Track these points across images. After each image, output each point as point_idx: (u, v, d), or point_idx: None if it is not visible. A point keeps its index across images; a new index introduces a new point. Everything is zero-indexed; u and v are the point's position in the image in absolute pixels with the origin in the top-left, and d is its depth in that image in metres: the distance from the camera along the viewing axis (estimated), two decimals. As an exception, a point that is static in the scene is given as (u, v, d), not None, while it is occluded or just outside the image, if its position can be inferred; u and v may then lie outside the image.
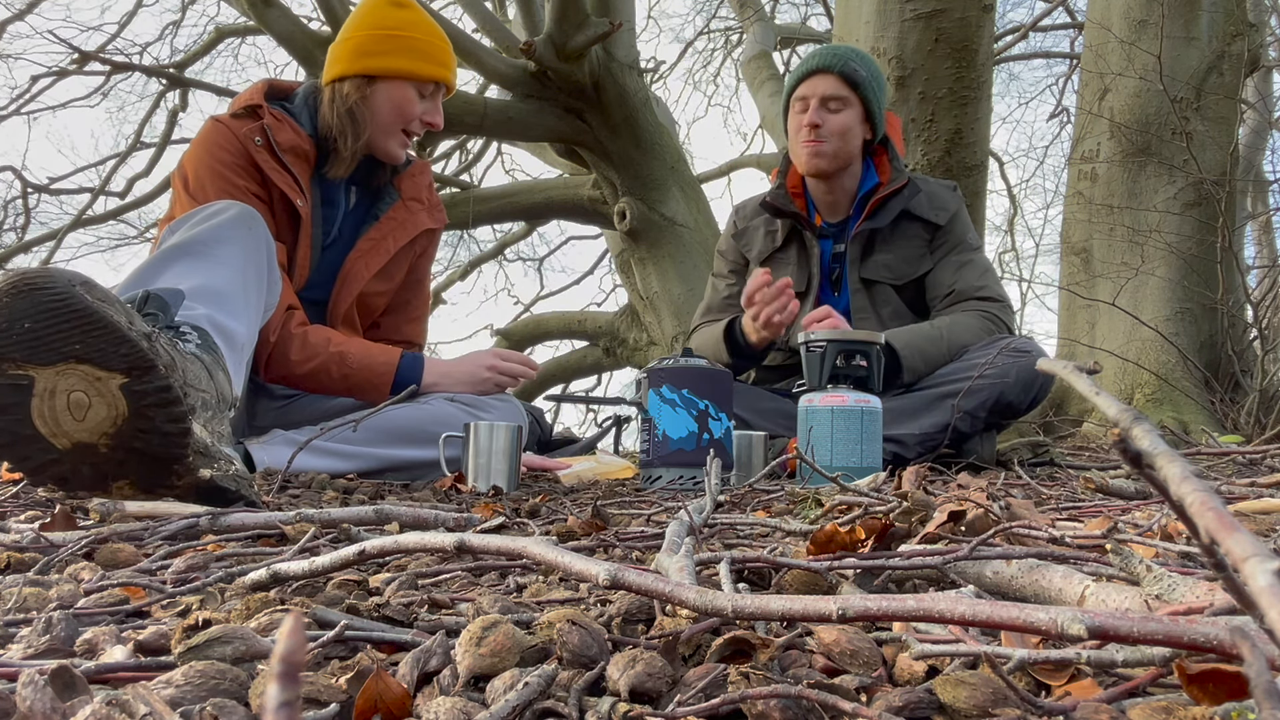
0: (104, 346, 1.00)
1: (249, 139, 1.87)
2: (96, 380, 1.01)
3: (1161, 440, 0.33)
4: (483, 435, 1.66)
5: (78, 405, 1.02)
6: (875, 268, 2.21)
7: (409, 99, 1.97)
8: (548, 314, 6.74)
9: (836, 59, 2.15)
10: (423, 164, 2.20)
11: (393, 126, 1.97)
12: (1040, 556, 0.62)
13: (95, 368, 1.00)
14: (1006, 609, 0.38)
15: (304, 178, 1.94)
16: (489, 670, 0.45)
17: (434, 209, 2.18)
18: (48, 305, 0.97)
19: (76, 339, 0.98)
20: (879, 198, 2.17)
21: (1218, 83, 4.14)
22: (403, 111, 1.96)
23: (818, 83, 2.16)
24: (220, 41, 7.96)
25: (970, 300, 2.14)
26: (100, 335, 0.99)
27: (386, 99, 1.96)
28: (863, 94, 2.15)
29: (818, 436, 1.61)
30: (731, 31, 10.11)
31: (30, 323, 0.97)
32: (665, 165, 4.54)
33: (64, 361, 0.99)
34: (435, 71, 1.98)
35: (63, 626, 0.52)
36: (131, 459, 1.06)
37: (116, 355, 1.00)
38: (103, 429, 1.03)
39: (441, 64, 2.00)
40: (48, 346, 0.98)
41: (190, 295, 1.34)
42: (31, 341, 0.98)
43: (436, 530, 0.97)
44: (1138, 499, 1.12)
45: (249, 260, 1.53)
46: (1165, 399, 3.78)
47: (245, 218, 1.57)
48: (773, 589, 0.65)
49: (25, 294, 0.97)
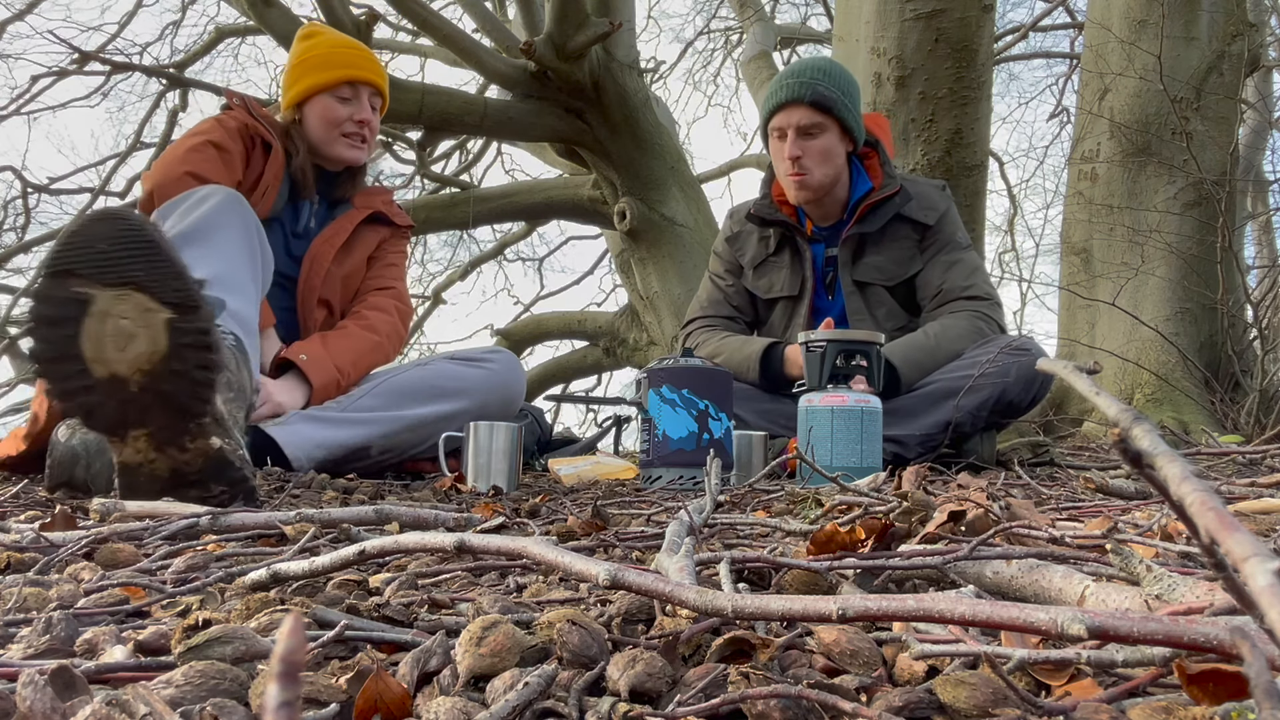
0: (162, 278, 1.08)
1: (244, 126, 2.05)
2: (146, 311, 1.08)
3: (1161, 440, 0.33)
4: (483, 435, 1.66)
5: (123, 335, 1.08)
6: (867, 270, 2.21)
7: (328, 107, 2.15)
8: (548, 314, 6.74)
9: (805, 88, 2.12)
10: (383, 188, 2.40)
11: (328, 135, 2.15)
12: (1040, 556, 0.62)
13: (150, 297, 1.08)
14: (1006, 609, 0.38)
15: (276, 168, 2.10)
16: (489, 670, 0.45)
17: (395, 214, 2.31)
18: (124, 232, 1.06)
19: (140, 266, 1.07)
20: (870, 203, 2.17)
21: (1218, 83, 4.14)
22: (328, 119, 2.15)
23: (791, 114, 2.14)
24: (220, 41, 7.95)
25: (959, 300, 2.14)
26: (163, 268, 1.08)
27: (313, 114, 2.16)
28: (837, 114, 2.14)
29: (818, 436, 1.61)
30: (731, 31, 10.11)
31: (105, 245, 1.05)
32: (665, 165, 4.54)
33: (124, 286, 1.07)
34: (336, 74, 2.15)
35: (63, 626, 0.52)
36: (156, 405, 1.12)
37: (170, 289, 1.09)
38: (139, 364, 1.09)
39: (345, 66, 2.16)
40: (115, 268, 1.06)
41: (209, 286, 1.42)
42: (102, 262, 1.05)
43: (436, 530, 0.97)
44: (1138, 499, 1.12)
45: (247, 244, 1.62)
46: (1165, 399, 3.77)
47: (233, 201, 1.67)
48: (773, 589, 0.65)
49: (107, 221, 1.06)
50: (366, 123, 2.19)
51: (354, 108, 2.17)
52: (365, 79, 2.18)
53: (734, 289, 2.39)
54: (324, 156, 2.18)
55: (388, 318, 2.18)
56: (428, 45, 6.84)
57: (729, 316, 2.39)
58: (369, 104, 2.20)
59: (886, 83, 3.41)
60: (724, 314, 2.40)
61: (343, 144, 2.17)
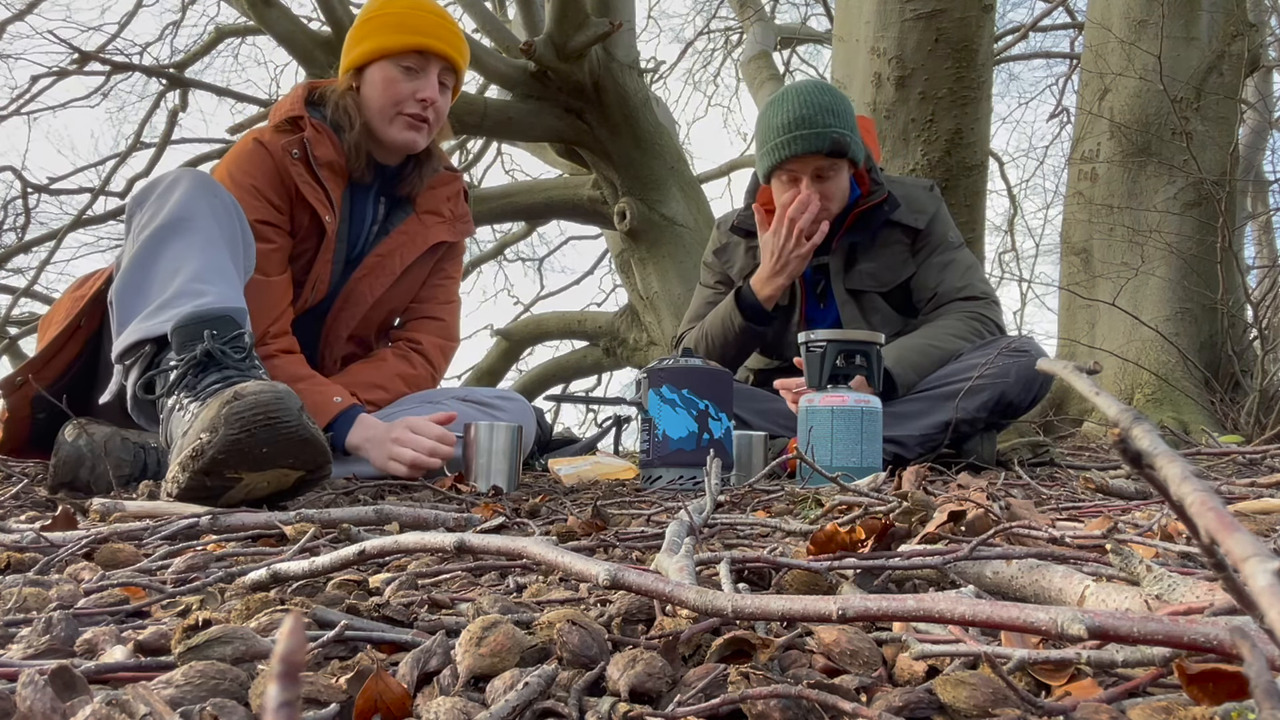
0: (309, 459, 1.21)
1: (285, 153, 1.83)
2: (284, 475, 1.22)
3: (1161, 440, 0.33)
4: (483, 435, 1.66)
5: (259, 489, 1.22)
6: (860, 277, 2.20)
7: (391, 78, 1.86)
8: (548, 314, 6.74)
9: (822, 140, 2.01)
10: (449, 175, 2.08)
11: (385, 111, 1.87)
12: (1040, 556, 0.62)
13: (292, 470, 1.22)
14: (1006, 609, 0.38)
15: (336, 193, 1.90)
16: (489, 670, 0.45)
17: (457, 221, 2.06)
18: (284, 435, 1.17)
19: (292, 455, 1.19)
20: (858, 211, 2.16)
21: (1218, 83, 4.14)
22: (389, 92, 1.86)
23: (806, 163, 2.05)
24: (220, 41, 7.96)
25: (955, 301, 2.13)
26: (311, 453, 1.21)
27: (371, 84, 1.88)
28: (850, 155, 2.07)
29: (818, 436, 1.61)
30: (731, 31, 10.12)
31: (267, 448, 1.16)
32: (665, 165, 4.54)
33: (275, 469, 1.20)
34: (408, 40, 1.85)
35: (63, 626, 0.52)
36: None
37: (313, 464, 1.23)
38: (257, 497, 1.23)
39: (419, 32, 1.86)
40: (271, 461, 1.18)
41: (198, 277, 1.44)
42: (260, 458, 1.17)
43: (436, 530, 0.97)
44: (1138, 499, 1.12)
45: (226, 229, 1.56)
46: (1165, 399, 3.77)
47: (203, 183, 1.57)
48: (773, 589, 0.65)
49: (270, 425, 1.16)
50: (432, 103, 1.87)
51: (419, 83, 1.86)
52: (439, 50, 1.86)
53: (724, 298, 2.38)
54: (378, 140, 1.90)
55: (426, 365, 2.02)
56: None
57: None
58: (438, 81, 1.89)
59: (886, 83, 3.41)
60: None
61: (401, 124, 1.87)
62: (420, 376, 2.02)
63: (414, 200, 2.01)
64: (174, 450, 1.26)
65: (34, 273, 6.71)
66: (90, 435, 1.54)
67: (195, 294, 1.40)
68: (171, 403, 1.31)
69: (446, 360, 2.09)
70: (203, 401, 1.25)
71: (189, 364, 1.31)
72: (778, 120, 2.06)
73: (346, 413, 1.76)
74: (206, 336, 1.32)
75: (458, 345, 2.17)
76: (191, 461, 1.15)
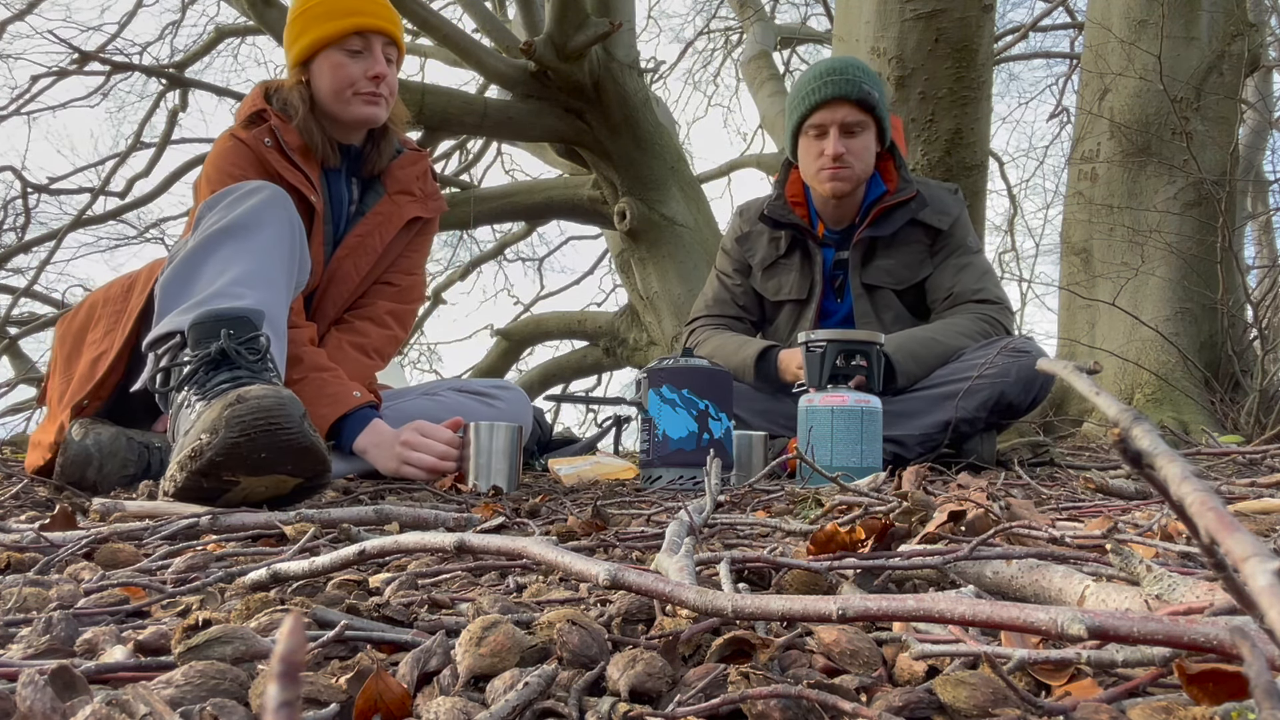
0: (307, 467, 1.21)
1: (259, 142, 1.87)
2: (282, 481, 1.22)
3: (1161, 440, 0.33)
4: (483, 435, 1.66)
5: (256, 493, 1.23)
6: (877, 273, 2.21)
7: (338, 63, 1.91)
8: (548, 314, 6.73)
9: (852, 86, 2.08)
10: (416, 155, 2.13)
11: (341, 94, 1.92)
12: (1040, 556, 0.62)
13: (290, 477, 1.22)
14: (1006, 609, 0.38)
15: (313, 175, 1.94)
16: (489, 670, 0.45)
17: (429, 199, 2.11)
18: (284, 441, 1.17)
19: (291, 461, 1.19)
20: (884, 206, 2.17)
21: (1218, 83, 4.14)
22: (339, 76, 1.91)
23: (835, 110, 2.10)
24: (220, 41, 7.95)
25: (968, 303, 2.14)
26: (310, 461, 1.21)
27: (320, 74, 1.93)
28: (878, 115, 2.13)
29: (818, 436, 1.61)
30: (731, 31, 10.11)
31: (265, 453, 1.16)
32: (665, 165, 4.54)
33: (272, 474, 1.20)
34: (346, 23, 1.90)
35: (63, 626, 0.52)
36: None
37: (312, 471, 1.23)
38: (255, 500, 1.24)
39: (355, 13, 1.90)
40: (269, 467, 1.18)
41: (241, 280, 1.45)
42: (258, 464, 1.17)
43: (436, 530, 0.97)
44: (1138, 499, 1.12)
45: (285, 243, 1.58)
46: (1165, 399, 3.77)
47: (279, 199, 1.61)
48: (773, 589, 0.65)
49: (270, 431, 1.15)
50: (382, 77, 1.92)
51: (367, 62, 1.91)
52: (375, 26, 1.92)
53: (741, 288, 2.39)
54: (339, 121, 1.94)
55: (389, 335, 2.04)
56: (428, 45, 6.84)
57: (734, 316, 2.39)
58: (383, 55, 1.94)
59: (887, 83, 3.41)
60: (729, 314, 2.39)
61: (358, 102, 1.92)
62: (369, 343, 2.01)
63: (384, 181, 2.06)
64: (176, 447, 1.26)
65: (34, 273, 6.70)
66: (97, 434, 1.54)
67: (234, 296, 1.42)
68: (181, 398, 1.32)
69: (402, 323, 2.10)
70: (208, 401, 1.25)
71: (202, 360, 1.31)
72: (810, 74, 2.15)
73: (362, 410, 1.78)
74: (223, 335, 1.33)
75: (417, 307, 2.21)
76: (190, 462, 1.16)
